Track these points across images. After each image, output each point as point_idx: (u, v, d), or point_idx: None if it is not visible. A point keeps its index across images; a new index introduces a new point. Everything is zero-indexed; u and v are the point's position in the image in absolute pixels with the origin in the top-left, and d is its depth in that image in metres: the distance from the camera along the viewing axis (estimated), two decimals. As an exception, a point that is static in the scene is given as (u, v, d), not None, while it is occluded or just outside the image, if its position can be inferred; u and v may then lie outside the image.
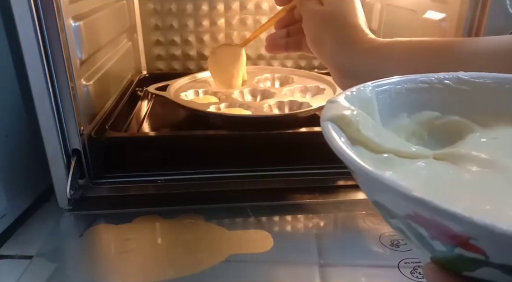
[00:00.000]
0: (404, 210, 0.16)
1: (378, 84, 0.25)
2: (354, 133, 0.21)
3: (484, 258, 0.15)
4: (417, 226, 0.16)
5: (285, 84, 0.76)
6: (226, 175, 0.55)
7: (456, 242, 0.15)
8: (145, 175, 0.55)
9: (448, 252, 0.16)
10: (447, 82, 0.26)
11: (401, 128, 0.25)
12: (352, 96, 0.24)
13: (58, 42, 0.45)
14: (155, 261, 0.43)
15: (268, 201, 0.53)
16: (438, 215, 0.15)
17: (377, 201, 0.18)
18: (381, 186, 0.16)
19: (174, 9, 0.84)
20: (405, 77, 0.26)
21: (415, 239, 0.18)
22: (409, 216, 0.16)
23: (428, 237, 0.16)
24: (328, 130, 0.21)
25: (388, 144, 0.22)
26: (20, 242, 0.48)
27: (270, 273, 0.41)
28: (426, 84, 0.26)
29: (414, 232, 0.17)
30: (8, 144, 0.50)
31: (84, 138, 0.51)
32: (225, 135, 0.58)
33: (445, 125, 0.26)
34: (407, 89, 0.26)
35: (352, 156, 0.18)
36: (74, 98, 0.48)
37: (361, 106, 0.23)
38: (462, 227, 0.14)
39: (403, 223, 0.17)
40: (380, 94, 0.25)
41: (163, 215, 0.50)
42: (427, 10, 0.58)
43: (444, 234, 0.15)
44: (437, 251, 0.17)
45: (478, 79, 0.26)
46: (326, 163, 0.56)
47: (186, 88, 0.72)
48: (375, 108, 0.25)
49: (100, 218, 0.50)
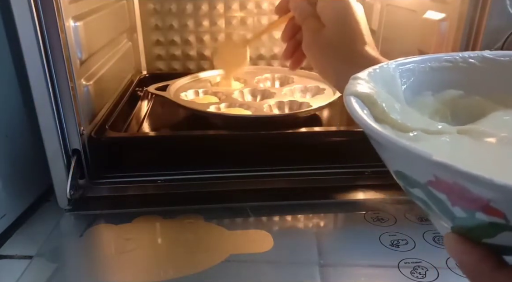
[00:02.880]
0: (426, 176, 0.16)
1: (402, 62, 0.25)
2: (380, 114, 0.22)
3: (504, 222, 0.15)
4: (438, 192, 0.16)
5: (285, 84, 0.76)
6: (226, 175, 0.55)
7: (476, 206, 0.15)
8: (145, 175, 0.55)
9: (469, 218, 0.16)
10: (472, 61, 0.26)
11: (425, 106, 0.25)
12: (375, 74, 0.24)
13: (58, 42, 0.45)
14: (155, 261, 0.43)
15: (268, 201, 0.53)
16: (459, 177, 0.15)
17: (399, 171, 0.18)
18: (403, 153, 0.16)
19: (174, 9, 0.84)
20: (429, 56, 0.26)
21: (436, 208, 0.17)
22: (431, 182, 0.16)
23: (449, 204, 0.16)
24: (351, 103, 0.21)
25: (414, 124, 0.22)
26: (20, 242, 0.48)
27: (270, 273, 0.41)
28: (450, 63, 0.26)
29: (435, 200, 0.17)
30: (8, 144, 0.50)
31: (84, 138, 0.51)
32: (225, 135, 0.58)
33: (469, 104, 0.26)
34: (431, 68, 0.26)
35: (375, 126, 0.18)
36: (74, 98, 0.48)
37: (384, 84, 0.23)
38: (482, 189, 0.14)
39: (424, 192, 0.17)
40: (404, 73, 0.25)
41: (163, 215, 0.50)
42: (427, 10, 0.58)
43: (464, 199, 0.15)
44: (458, 218, 0.17)
45: (504, 58, 0.26)
46: (326, 163, 0.56)
47: (186, 88, 0.72)
48: (398, 86, 0.25)
49: (100, 218, 0.50)
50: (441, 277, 0.40)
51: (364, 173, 0.56)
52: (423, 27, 0.59)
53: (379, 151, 0.20)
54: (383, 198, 0.53)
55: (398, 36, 0.70)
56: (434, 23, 0.55)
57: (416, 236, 0.46)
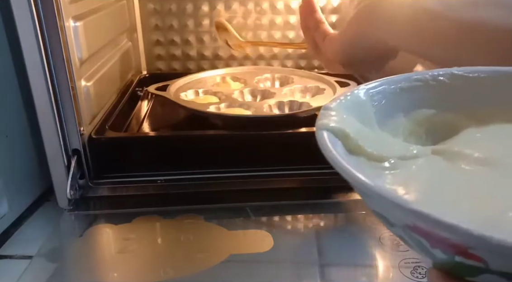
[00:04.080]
0: (403, 221, 0.16)
1: (371, 86, 0.25)
2: (354, 147, 0.21)
3: (484, 266, 0.15)
4: (417, 236, 0.16)
5: (285, 84, 0.76)
6: (226, 175, 0.55)
7: (456, 251, 0.15)
8: (145, 175, 0.55)
9: (449, 259, 0.16)
10: (441, 79, 0.26)
11: (398, 128, 0.25)
12: (346, 101, 0.24)
13: (58, 42, 0.45)
14: (155, 261, 0.43)
15: (268, 201, 0.53)
16: (436, 227, 0.15)
17: (376, 211, 0.18)
18: (379, 198, 0.16)
19: (174, 9, 0.84)
20: (398, 77, 0.26)
21: (417, 247, 0.18)
22: (408, 226, 0.16)
23: (428, 246, 0.16)
24: (323, 139, 0.20)
25: (389, 152, 0.22)
26: (20, 242, 0.48)
27: (270, 273, 0.41)
28: (420, 82, 0.26)
29: (414, 241, 0.17)
30: (8, 144, 0.50)
31: (84, 138, 0.51)
32: (225, 135, 0.58)
33: (442, 122, 0.26)
34: (401, 89, 0.26)
35: (349, 168, 0.18)
36: (74, 98, 0.48)
37: (356, 111, 0.23)
38: (460, 238, 0.14)
39: (403, 232, 0.17)
40: (375, 96, 0.25)
41: (163, 215, 0.50)
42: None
43: (443, 244, 0.15)
44: (438, 258, 0.17)
45: (472, 74, 0.26)
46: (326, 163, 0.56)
47: (186, 88, 0.72)
48: (370, 111, 0.24)
49: (100, 218, 0.50)
50: (441, 277, 0.40)
51: (364, 173, 0.56)
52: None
53: (355, 190, 0.20)
54: (383, 198, 0.53)
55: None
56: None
57: (416, 236, 0.46)
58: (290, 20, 0.86)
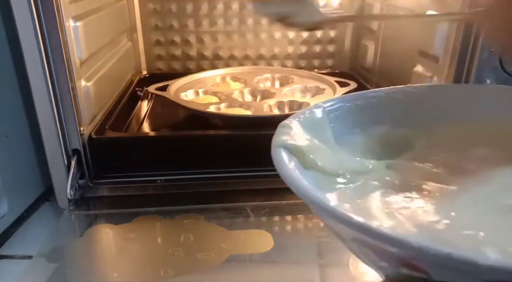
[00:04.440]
0: (350, 234, 0.17)
1: (329, 104, 0.26)
2: (309, 163, 0.22)
3: (427, 277, 0.15)
4: (365, 249, 0.17)
5: (285, 84, 0.76)
6: (226, 175, 0.55)
7: (400, 264, 0.16)
8: (145, 175, 0.55)
9: (396, 272, 0.17)
10: (396, 96, 0.27)
11: (355, 144, 0.26)
12: (304, 119, 0.24)
13: (58, 42, 0.45)
14: (155, 261, 0.43)
15: (268, 201, 0.53)
16: (379, 239, 0.15)
17: (328, 225, 0.19)
18: (327, 213, 0.17)
19: (174, 9, 0.84)
20: (355, 94, 0.27)
21: (367, 260, 0.18)
22: (356, 239, 0.17)
23: (377, 259, 0.17)
24: (279, 156, 0.21)
25: (344, 168, 0.23)
26: (20, 242, 0.48)
27: (270, 273, 0.41)
28: (375, 99, 0.27)
29: (364, 254, 0.17)
30: (8, 144, 0.50)
31: (84, 138, 0.51)
32: (225, 135, 0.58)
33: (397, 138, 0.26)
34: (357, 106, 0.27)
35: (301, 185, 0.19)
36: (74, 98, 0.48)
37: (313, 128, 0.24)
38: (401, 250, 0.15)
39: (353, 245, 0.18)
40: (332, 113, 0.26)
41: (163, 215, 0.50)
42: (427, 10, 0.58)
43: (388, 257, 0.16)
44: (387, 271, 0.17)
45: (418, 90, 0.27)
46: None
47: (186, 88, 0.72)
48: (327, 128, 0.25)
49: (100, 218, 0.50)
50: (441, 277, 0.40)
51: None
52: (423, 27, 0.59)
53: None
54: (383, 198, 0.53)
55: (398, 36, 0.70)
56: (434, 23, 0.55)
57: (416, 236, 0.46)
58: (290, 20, 0.86)
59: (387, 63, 0.75)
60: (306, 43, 0.89)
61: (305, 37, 0.88)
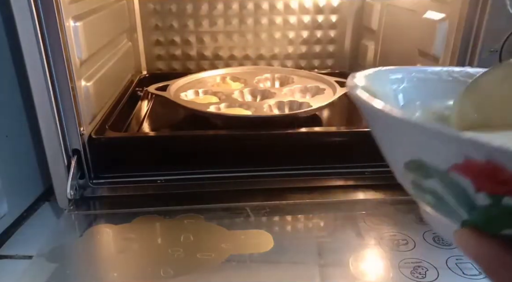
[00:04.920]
0: (452, 159, 0.15)
1: (391, 68, 0.26)
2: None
3: None
4: (462, 178, 0.15)
5: (285, 84, 0.76)
6: (226, 175, 0.55)
7: (506, 190, 0.14)
8: (145, 175, 0.55)
9: (493, 204, 0.15)
10: (456, 76, 0.27)
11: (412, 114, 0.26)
12: (373, 73, 0.24)
13: (58, 42, 0.45)
14: (155, 261, 0.43)
15: (268, 201, 0.53)
16: (497, 154, 0.13)
17: (414, 160, 0.17)
18: (428, 134, 0.15)
19: (174, 9, 0.84)
20: (414, 67, 0.27)
21: (453, 198, 0.16)
22: (456, 166, 0.15)
23: (472, 191, 0.15)
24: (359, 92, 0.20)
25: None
26: (20, 242, 0.48)
27: (270, 273, 0.41)
28: (435, 76, 0.27)
29: (454, 189, 0.16)
30: (8, 144, 0.50)
31: (84, 138, 0.51)
32: (225, 135, 0.58)
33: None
34: (418, 78, 0.27)
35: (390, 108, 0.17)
36: (74, 98, 0.48)
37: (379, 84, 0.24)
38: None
39: (442, 181, 0.16)
40: (394, 78, 0.26)
41: (163, 215, 0.50)
42: (427, 10, 0.58)
43: (494, 181, 0.14)
44: (478, 208, 0.16)
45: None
46: (326, 163, 0.56)
47: (186, 88, 0.72)
48: (390, 89, 0.25)
49: (100, 218, 0.50)
50: (441, 277, 0.40)
51: (364, 173, 0.56)
52: (423, 27, 0.59)
53: (388, 143, 0.19)
54: (383, 198, 0.53)
55: (398, 36, 0.70)
56: (434, 23, 0.55)
57: (416, 236, 0.46)
58: (290, 20, 0.86)
59: (387, 63, 0.75)
60: (306, 43, 0.89)
61: (305, 37, 0.88)
